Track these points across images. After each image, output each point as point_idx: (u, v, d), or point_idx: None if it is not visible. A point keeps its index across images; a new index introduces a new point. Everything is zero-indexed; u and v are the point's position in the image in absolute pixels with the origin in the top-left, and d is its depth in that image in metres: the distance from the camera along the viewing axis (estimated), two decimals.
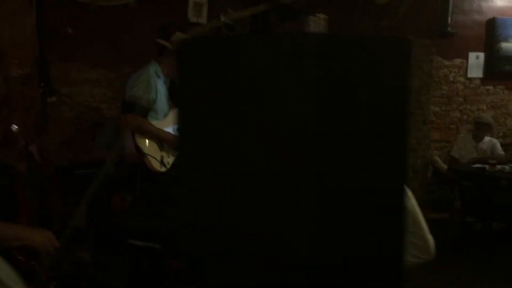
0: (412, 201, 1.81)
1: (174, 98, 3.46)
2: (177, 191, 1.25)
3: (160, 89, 3.43)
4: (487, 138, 5.31)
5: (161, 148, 3.36)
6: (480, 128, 5.23)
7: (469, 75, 5.85)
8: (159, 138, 3.33)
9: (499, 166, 4.75)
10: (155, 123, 3.35)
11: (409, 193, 1.79)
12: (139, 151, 3.29)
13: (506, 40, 5.72)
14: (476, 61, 5.81)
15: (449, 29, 5.50)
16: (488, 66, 5.80)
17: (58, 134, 4.80)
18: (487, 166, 4.72)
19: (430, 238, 1.88)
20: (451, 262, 4.80)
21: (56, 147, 4.79)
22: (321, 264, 1.09)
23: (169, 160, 3.38)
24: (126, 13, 4.80)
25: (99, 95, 4.90)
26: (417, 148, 5.53)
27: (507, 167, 4.77)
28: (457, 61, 5.81)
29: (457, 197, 5.25)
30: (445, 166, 5.36)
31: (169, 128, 3.41)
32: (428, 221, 5.52)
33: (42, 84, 4.69)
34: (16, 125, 4.69)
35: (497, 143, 5.36)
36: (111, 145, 4.01)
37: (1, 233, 1.75)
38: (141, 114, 3.29)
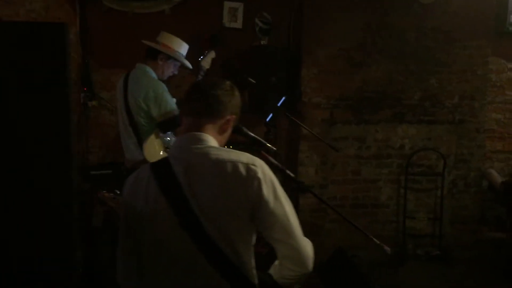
0: (286, 208, 1.64)
1: None
2: None
3: None
4: None
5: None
6: None
7: None
8: None
9: None
10: None
11: (283, 199, 1.63)
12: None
13: None
14: None
15: (510, 28, 4.98)
16: None
17: (98, 137, 5.02)
18: None
19: (305, 249, 1.69)
20: None
21: (97, 149, 5.03)
22: None
23: None
24: (162, 20, 4.91)
25: None
26: (470, 159, 5.06)
27: None
28: None
29: None
30: (499, 180, 4.84)
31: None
32: (482, 241, 5.02)
33: (85, 89, 4.96)
34: None
35: None
36: None
37: None
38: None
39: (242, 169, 1.58)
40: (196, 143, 1.66)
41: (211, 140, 1.68)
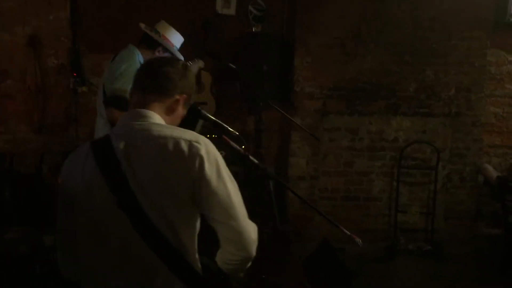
0: (229, 188, 1.56)
1: None
2: None
3: None
4: None
5: None
6: None
7: None
8: None
9: None
10: None
11: (227, 179, 1.55)
12: None
13: None
14: None
15: (511, 19, 4.84)
16: None
17: (89, 123, 4.96)
18: None
19: (248, 232, 1.60)
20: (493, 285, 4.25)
21: (87, 136, 4.98)
22: None
23: None
24: (156, 6, 4.84)
25: None
26: (466, 153, 4.94)
27: None
28: None
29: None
30: (494, 175, 4.73)
31: None
32: (477, 237, 4.91)
33: (74, 74, 4.91)
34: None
35: None
36: None
37: None
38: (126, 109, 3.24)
39: (184, 146, 1.50)
40: (138, 119, 1.58)
41: (156, 117, 1.60)
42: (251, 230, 1.60)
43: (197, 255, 1.57)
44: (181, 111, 1.70)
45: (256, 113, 4.62)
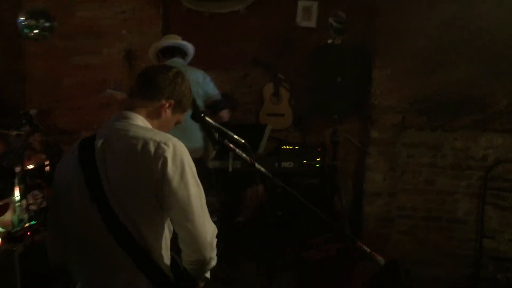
0: (190, 191, 1.57)
1: None
2: None
3: None
4: None
5: None
6: None
7: None
8: None
9: None
10: None
11: (191, 182, 1.56)
12: None
13: None
14: None
15: None
16: None
17: None
18: None
19: (203, 235, 1.60)
20: None
21: None
22: None
23: None
24: (237, 19, 5.01)
25: None
26: None
27: None
28: None
29: None
30: None
31: None
32: None
33: None
34: None
35: None
36: None
37: None
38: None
39: (151, 147, 1.56)
40: (120, 119, 1.67)
41: (138, 119, 1.68)
42: (207, 234, 1.61)
43: (164, 253, 1.61)
44: (170, 116, 1.75)
45: (332, 125, 4.56)
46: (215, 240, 1.66)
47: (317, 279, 4.01)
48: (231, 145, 1.98)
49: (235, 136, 1.99)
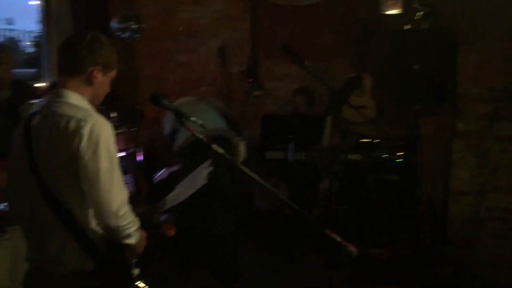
0: (100, 164, 1.69)
1: None
2: None
3: None
4: None
5: None
6: None
7: None
8: None
9: None
10: None
11: (103, 156, 1.69)
12: None
13: None
14: None
15: None
16: None
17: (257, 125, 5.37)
18: None
19: (108, 204, 1.71)
20: None
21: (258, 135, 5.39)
22: None
23: None
24: (319, 11, 4.94)
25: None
26: None
27: None
28: None
29: None
30: None
31: None
32: None
33: (250, 80, 5.38)
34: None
35: None
36: None
37: None
38: None
39: (72, 124, 1.70)
40: (56, 98, 1.82)
41: (71, 97, 1.81)
42: (112, 203, 1.71)
43: (91, 222, 1.76)
44: (103, 78, 1.87)
45: (410, 117, 4.28)
46: (123, 210, 1.75)
47: (379, 278, 3.81)
48: (189, 126, 2.07)
49: (192, 118, 2.07)
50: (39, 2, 5.64)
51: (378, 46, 4.63)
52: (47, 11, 5.53)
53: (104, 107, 2.11)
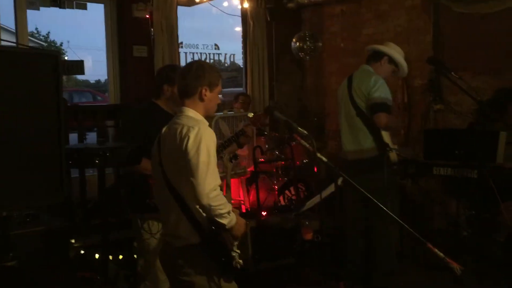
0: (200, 158, 2.11)
1: None
2: None
3: None
4: None
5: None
6: None
7: None
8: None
9: None
10: None
11: (203, 153, 2.13)
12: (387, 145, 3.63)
13: None
14: None
15: None
16: None
17: None
18: None
19: (202, 187, 2.10)
20: None
21: None
22: None
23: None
24: (509, 17, 4.54)
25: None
26: None
27: None
28: None
29: None
30: None
31: None
32: None
33: (431, 93, 5.19)
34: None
35: None
36: None
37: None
38: (389, 112, 3.59)
39: (184, 129, 2.19)
40: (179, 112, 2.33)
41: (189, 111, 2.30)
42: (205, 185, 2.11)
43: (196, 204, 2.18)
44: (210, 95, 2.32)
45: None
46: (214, 193, 2.12)
47: None
48: (297, 136, 2.26)
49: (299, 128, 2.26)
50: (240, 29, 6.39)
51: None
52: (246, 35, 6.23)
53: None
